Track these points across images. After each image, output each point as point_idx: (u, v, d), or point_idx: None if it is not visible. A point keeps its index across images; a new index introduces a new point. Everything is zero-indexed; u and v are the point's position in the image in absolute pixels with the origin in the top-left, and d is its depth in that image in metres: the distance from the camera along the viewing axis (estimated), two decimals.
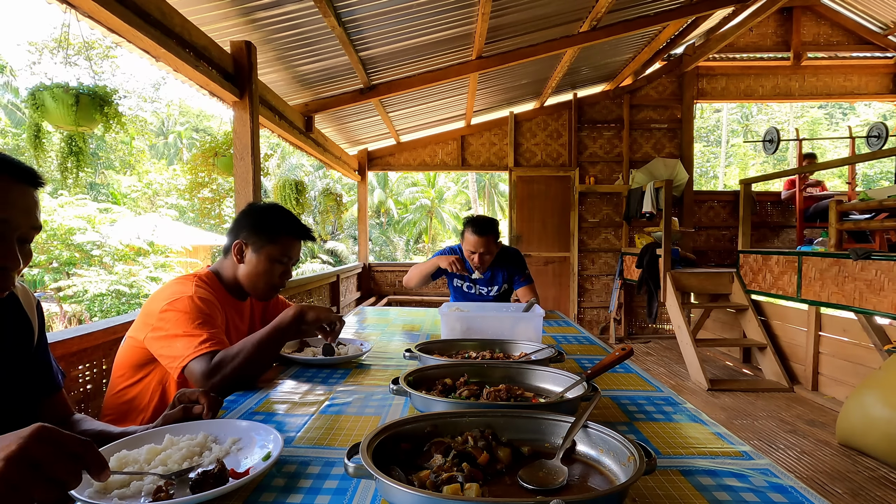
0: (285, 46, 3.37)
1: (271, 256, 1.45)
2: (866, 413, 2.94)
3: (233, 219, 1.57)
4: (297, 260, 1.56)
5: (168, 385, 1.31)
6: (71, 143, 2.18)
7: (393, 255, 21.01)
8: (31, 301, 0.97)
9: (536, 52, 4.52)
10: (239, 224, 1.49)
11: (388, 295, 6.98)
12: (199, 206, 3.95)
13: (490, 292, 2.64)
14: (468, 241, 2.48)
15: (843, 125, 18.82)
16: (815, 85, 6.59)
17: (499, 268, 2.63)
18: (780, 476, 0.78)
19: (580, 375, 1.05)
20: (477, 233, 2.44)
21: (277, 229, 1.47)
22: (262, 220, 1.48)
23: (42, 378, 0.98)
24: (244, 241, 1.45)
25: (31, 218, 0.78)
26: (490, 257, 2.50)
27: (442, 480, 0.66)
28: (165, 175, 15.79)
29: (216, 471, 0.71)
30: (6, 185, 0.75)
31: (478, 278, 2.62)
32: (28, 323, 0.94)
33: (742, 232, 4.84)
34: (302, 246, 1.59)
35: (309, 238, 1.55)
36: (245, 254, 1.46)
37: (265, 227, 1.46)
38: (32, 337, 0.95)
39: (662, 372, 4.90)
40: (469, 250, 2.49)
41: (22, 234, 0.78)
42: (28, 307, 0.95)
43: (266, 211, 1.51)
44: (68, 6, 1.79)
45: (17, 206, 0.76)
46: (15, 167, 0.76)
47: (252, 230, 1.46)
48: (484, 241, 2.44)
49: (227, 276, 1.49)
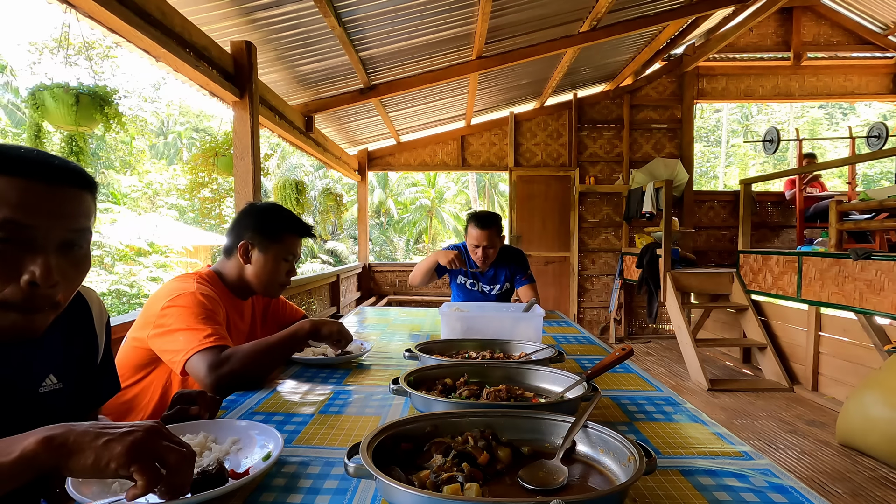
0: (285, 46, 3.37)
1: (277, 255, 1.48)
2: (866, 413, 2.94)
3: (233, 219, 1.57)
4: (300, 256, 1.58)
5: (169, 386, 1.30)
6: (71, 143, 2.18)
7: (393, 255, 21.01)
8: (102, 318, 0.93)
9: (536, 52, 4.52)
10: (241, 225, 1.50)
11: (388, 295, 6.97)
12: (200, 206, 3.94)
13: (492, 291, 2.65)
14: (471, 236, 2.51)
15: (843, 125, 18.81)
16: (815, 85, 6.59)
17: (501, 266, 2.64)
18: (780, 476, 0.78)
19: (580, 375, 1.05)
20: (479, 226, 2.48)
21: (281, 228, 1.50)
22: (265, 220, 1.49)
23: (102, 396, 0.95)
24: (249, 241, 1.46)
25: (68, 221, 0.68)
26: (493, 251, 2.53)
27: (442, 480, 0.66)
28: (165, 175, 15.79)
29: (215, 471, 0.71)
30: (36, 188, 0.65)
31: (479, 272, 2.63)
32: (95, 340, 0.91)
33: (742, 232, 4.84)
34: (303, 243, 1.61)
35: (310, 235, 1.58)
36: (252, 254, 1.47)
37: (269, 227, 1.48)
38: (97, 355, 0.92)
39: (662, 372, 4.90)
40: (472, 244, 2.52)
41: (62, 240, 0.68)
42: (98, 324, 0.92)
43: (267, 211, 1.52)
44: (68, 6, 1.79)
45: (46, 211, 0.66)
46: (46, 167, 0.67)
47: (256, 230, 1.47)
48: (487, 234, 2.47)
49: (229, 276, 1.49)
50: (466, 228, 2.57)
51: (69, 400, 0.83)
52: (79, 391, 0.86)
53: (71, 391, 0.83)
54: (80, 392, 0.87)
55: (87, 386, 0.90)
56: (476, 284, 2.66)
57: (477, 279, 2.65)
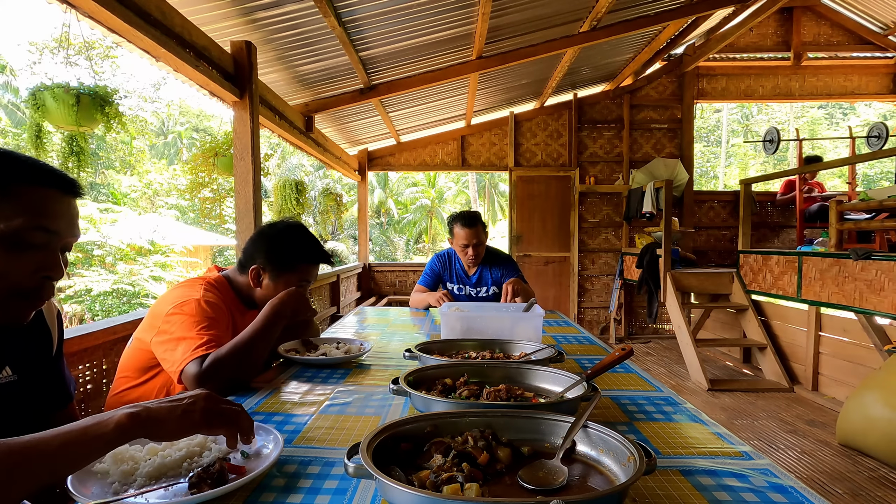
0: (285, 46, 3.37)
1: (289, 283, 1.45)
2: (866, 413, 2.94)
3: (251, 236, 1.54)
4: (315, 280, 1.56)
5: (172, 389, 1.31)
6: (72, 143, 2.18)
7: (393, 255, 21.00)
8: (52, 311, 0.97)
9: (536, 52, 4.52)
10: (255, 247, 1.47)
11: (388, 295, 6.97)
12: (200, 206, 3.95)
13: (479, 293, 2.67)
14: (459, 237, 2.56)
15: (843, 125, 18.81)
16: (816, 85, 6.59)
17: (486, 269, 2.65)
18: (780, 476, 0.78)
19: (580, 375, 1.05)
20: (466, 225, 2.54)
21: (294, 258, 1.46)
22: (279, 248, 1.46)
23: (57, 389, 0.98)
24: (261, 266, 1.45)
25: (73, 228, 0.80)
26: (482, 247, 2.59)
27: (442, 480, 0.66)
28: (166, 175, 15.80)
29: (216, 471, 0.71)
30: (55, 197, 0.76)
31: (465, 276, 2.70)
32: (48, 334, 0.95)
33: (742, 232, 4.84)
34: None
35: (327, 262, 1.54)
36: (262, 279, 1.46)
37: (283, 256, 1.45)
38: (51, 348, 0.96)
39: (662, 372, 4.90)
40: (461, 244, 2.56)
41: (65, 243, 0.80)
42: (49, 318, 0.96)
43: (283, 236, 1.48)
44: (68, 6, 1.79)
45: (64, 217, 0.77)
46: (62, 179, 0.77)
47: (268, 257, 1.44)
48: (474, 232, 2.54)
49: (240, 287, 1.49)
50: (451, 231, 2.62)
51: (25, 392, 0.87)
52: (35, 384, 0.90)
53: (27, 383, 0.88)
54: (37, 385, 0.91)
55: (45, 379, 0.93)
56: (463, 289, 2.68)
57: (464, 283, 2.68)
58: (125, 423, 0.64)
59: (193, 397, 0.72)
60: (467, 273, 2.69)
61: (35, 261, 0.74)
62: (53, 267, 0.76)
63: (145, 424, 0.66)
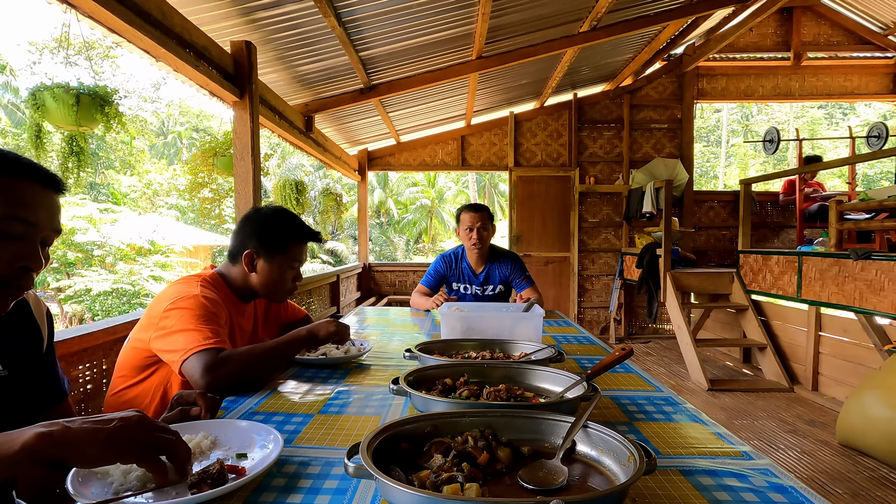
0: (285, 46, 3.36)
1: (283, 264, 1.47)
2: (866, 413, 2.94)
3: (237, 224, 1.56)
4: (306, 260, 1.58)
5: (169, 387, 1.30)
6: (72, 143, 2.18)
7: (393, 255, 21.00)
8: (41, 308, 0.98)
9: (536, 52, 4.52)
10: (245, 232, 1.48)
11: (388, 295, 6.97)
12: (200, 206, 3.94)
13: (486, 292, 2.66)
14: (464, 221, 2.60)
15: (843, 125, 18.81)
16: (815, 85, 6.59)
17: (493, 267, 2.65)
18: (780, 476, 0.78)
19: (580, 375, 1.05)
20: (473, 210, 2.60)
21: (286, 238, 1.49)
22: (269, 230, 1.48)
23: (49, 386, 0.98)
24: (254, 251, 1.46)
25: (53, 221, 0.81)
26: (487, 234, 2.61)
27: (442, 480, 0.66)
28: (165, 175, 15.80)
29: (216, 471, 0.71)
30: (35, 189, 0.78)
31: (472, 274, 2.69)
32: (38, 330, 0.95)
33: (742, 232, 4.84)
34: None
35: (316, 240, 1.56)
36: (257, 263, 1.47)
37: (273, 237, 1.47)
38: (41, 344, 0.96)
39: (662, 372, 4.90)
40: (466, 227, 2.60)
41: (44, 236, 0.80)
42: (38, 315, 0.96)
43: (272, 218, 1.50)
44: (68, 6, 1.79)
45: (43, 209, 0.79)
46: (42, 173, 0.79)
47: (260, 240, 1.46)
48: (480, 216, 2.58)
49: (234, 281, 1.49)
50: (459, 219, 2.66)
51: (16, 387, 0.88)
52: (26, 380, 0.91)
53: (17, 379, 0.88)
54: (28, 381, 0.91)
55: (36, 375, 0.94)
56: (469, 288, 2.68)
57: (470, 283, 2.68)
58: (32, 444, 0.57)
59: (123, 420, 0.64)
60: (474, 272, 2.69)
61: (12, 251, 0.75)
62: (32, 257, 0.77)
63: (59, 446, 0.58)
